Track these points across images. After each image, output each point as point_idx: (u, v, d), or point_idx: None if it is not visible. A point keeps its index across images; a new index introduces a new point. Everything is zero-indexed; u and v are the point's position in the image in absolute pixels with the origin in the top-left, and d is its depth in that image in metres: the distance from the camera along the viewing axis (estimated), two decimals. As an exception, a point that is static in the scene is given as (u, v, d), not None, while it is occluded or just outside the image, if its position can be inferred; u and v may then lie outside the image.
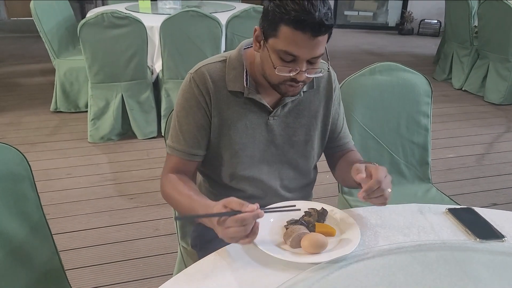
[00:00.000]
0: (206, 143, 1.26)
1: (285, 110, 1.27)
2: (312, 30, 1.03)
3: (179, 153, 1.24)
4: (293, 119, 1.28)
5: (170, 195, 1.23)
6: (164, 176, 1.27)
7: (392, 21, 8.25)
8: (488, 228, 1.10)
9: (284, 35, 1.05)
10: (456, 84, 4.95)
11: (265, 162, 1.30)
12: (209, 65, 1.23)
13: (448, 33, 5.23)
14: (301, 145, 1.31)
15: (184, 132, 1.23)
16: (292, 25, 1.03)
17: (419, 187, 1.91)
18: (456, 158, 3.31)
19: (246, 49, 1.26)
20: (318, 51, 1.08)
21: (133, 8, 4.07)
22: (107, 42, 3.08)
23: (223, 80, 1.22)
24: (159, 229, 2.38)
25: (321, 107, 1.32)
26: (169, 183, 1.24)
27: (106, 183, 2.82)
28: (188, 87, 1.22)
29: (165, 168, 1.28)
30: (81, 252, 2.20)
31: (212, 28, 3.18)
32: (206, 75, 1.21)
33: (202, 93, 1.20)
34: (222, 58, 1.25)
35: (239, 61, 1.23)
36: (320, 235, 1.01)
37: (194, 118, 1.22)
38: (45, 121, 3.73)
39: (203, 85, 1.20)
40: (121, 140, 3.41)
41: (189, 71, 1.25)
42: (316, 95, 1.30)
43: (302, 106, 1.28)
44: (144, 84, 3.35)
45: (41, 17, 3.58)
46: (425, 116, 1.88)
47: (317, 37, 1.05)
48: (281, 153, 1.31)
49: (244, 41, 1.28)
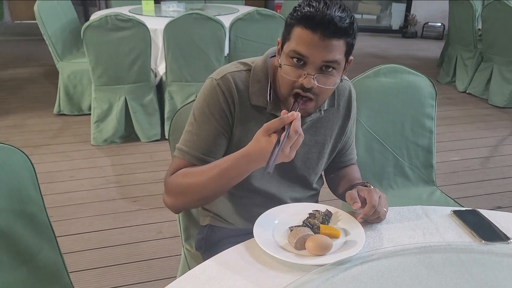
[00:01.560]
0: (221, 152, 1.20)
1: (303, 128, 1.21)
2: (323, 29, 1.00)
3: (191, 157, 1.17)
4: (310, 136, 1.25)
5: (186, 182, 1.14)
6: (169, 176, 1.19)
7: (395, 24, 8.24)
8: (493, 230, 1.09)
9: (295, 36, 1.04)
10: (460, 87, 4.93)
11: (275, 177, 1.28)
12: (234, 73, 1.17)
13: (452, 36, 5.22)
14: (314, 162, 1.30)
15: (202, 137, 1.17)
16: (302, 24, 1.02)
17: (424, 190, 1.90)
18: (460, 161, 3.30)
19: (272, 57, 1.21)
20: (330, 55, 1.03)
21: (137, 10, 4.08)
22: (110, 44, 3.09)
23: (246, 91, 1.16)
24: (163, 232, 2.37)
25: (337, 125, 1.29)
26: (181, 175, 1.15)
27: (109, 186, 2.82)
28: (212, 93, 1.15)
29: (170, 171, 1.21)
30: (85, 254, 2.20)
31: (216, 31, 3.18)
32: (232, 84, 1.15)
33: (227, 101, 1.15)
34: (246, 67, 1.19)
35: (264, 73, 1.17)
36: (324, 237, 1.01)
37: (216, 126, 1.16)
38: (49, 123, 3.74)
39: (228, 93, 1.15)
40: (125, 142, 3.41)
41: (210, 76, 1.18)
42: (335, 114, 1.28)
43: (320, 124, 1.26)
44: (148, 87, 3.35)
45: (45, 19, 3.59)
46: (429, 118, 1.87)
47: (329, 39, 1.01)
48: (293, 169, 1.28)
49: (270, 49, 1.23)
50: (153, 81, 3.39)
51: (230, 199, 1.32)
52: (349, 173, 1.37)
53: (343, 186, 1.34)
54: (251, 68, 1.19)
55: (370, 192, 1.10)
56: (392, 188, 1.88)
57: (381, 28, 8.36)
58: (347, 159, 1.40)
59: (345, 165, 1.41)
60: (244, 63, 1.21)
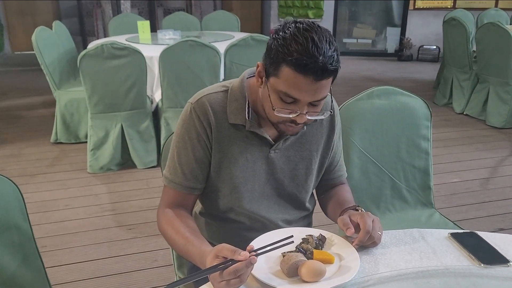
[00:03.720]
0: (205, 176, 1.22)
1: (287, 143, 1.23)
2: (315, 75, 0.98)
3: (177, 186, 1.20)
4: (295, 152, 1.25)
5: (166, 231, 1.18)
6: (161, 210, 1.22)
7: (391, 48, 8.33)
8: (493, 253, 1.06)
9: (285, 77, 1.01)
10: (457, 108, 4.94)
11: (265, 196, 1.26)
12: (210, 95, 1.18)
13: (447, 58, 5.26)
14: (302, 178, 1.28)
15: (183, 164, 1.19)
16: (293, 67, 0.98)
17: (422, 212, 1.86)
18: (460, 183, 3.27)
19: (249, 78, 1.22)
20: (321, 94, 1.04)
21: (134, 39, 4.13)
22: (106, 72, 3.11)
23: (224, 112, 1.17)
24: (158, 260, 2.33)
25: (322, 140, 1.29)
26: (166, 219, 1.19)
27: (104, 214, 2.78)
28: (189, 118, 1.17)
29: (162, 200, 1.24)
30: (79, 285, 2.15)
31: (211, 57, 3.20)
32: (207, 106, 1.16)
33: (203, 125, 1.16)
34: (223, 88, 1.20)
35: (241, 92, 1.18)
36: (318, 263, 0.98)
37: (194, 151, 1.18)
38: (46, 152, 3.73)
39: (204, 116, 1.15)
40: (121, 170, 3.39)
41: (189, 100, 1.20)
42: (319, 129, 1.27)
43: (304, 140, 1.25)
44: (144, 114, 3.36)
45: (42, 50, 3.62)
46: (425, 139, 1.85)
47: (320, 81, 1.00)
48: (281, 186, 1.27)
49: (247, 70, 1.24)
50: (149, 108, 3.40)
51: (220, 224, 1.30)
52: (338, 193, 1.35)
53: (332, 206, 1.31)
54: (228, 89, 1.19)
55: (362, 216, 1.08)
56: (389, 211, 1.85)
57: (376, 52, 8.44)
58: (336, 175, 1.38)
59: (335, 183, 1.39)
60: (223, 85, 1.22)
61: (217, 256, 0.94)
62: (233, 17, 5.43)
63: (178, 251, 1.15)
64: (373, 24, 8.46)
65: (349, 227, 1.07)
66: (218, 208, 1.27)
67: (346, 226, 1.08)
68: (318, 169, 1.32)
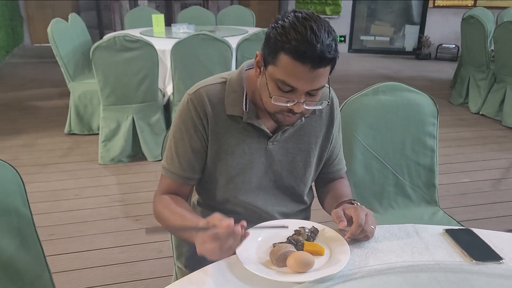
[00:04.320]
0: (202, 167, 1.23)
1: (285, 136, 1.23)
2: (312, 63, 0.98)
3: (173, 176, 1.22)
4: (293, 144, 1.25)
5: (163, 214, 1.20)
6: (157, 196, 1.25)
7: (409, 46, 8.22)
8: (486, 250, 1.05)
9: (283, 65, 1.01)
10: (473, 108, 4.86)
11: (262, 188, 1.27)
12: (208, 87, 1.19)
13: (464, 57, 5.17)
14: (300, 170, 1.28)
15: (180, 154, 1.20)
16: (291, 55, 0.99)
17: (426, 210, 1.84)
18: (471, 183, 3.22)
19: (248, 70, 1.22)
20: (318, 83, 1.04)
21: (148, 32, 4.16)
22: (118, 65, 3.14)
23: (221, 103, 1.18)
24: (163, 251, 2.35)
25: (321, 133, 1.28)
26: (162, 203, 1.21)
27: (113, 205, 2.81)
28: (186, 109, 1.19)
29: (158, 188, 1.26)
30: (84, 272, 2.18)
31: (223, 51, 3.21)
32: (205, 97, 1.17)
33: (200, 116, 1.17)
34: (222, 79, 1.21)
35: (239, 83, 1.19)
36: (306, 254, 0.98)
37: (190, 141, 1.19)
38: (59, 143, 3.79)
39: (201, 108, 1.16)
40: (131, 162, 3.43)
41: (187, 91, 1.21)
42: (318, 121, 1.27)
43: (302, 132, 1.25)
44: (155, 107, 3.38)
45: (57, 41, 3.67)
46: (431, 137, 1.83)
47: (318, 69, 1.00)
48: (279, 179, 1.27)
49: (246, 62, 1.25)
50: (160, 101, 3.42)
51: None
52: (336, 187, 1.34)
53: (329, 200, 1.31)
54: (226, 81, 1.20)
55: (356, 210, 1.07)
56: (392, 208, 1.83)
57: (394, 50, 8.34)
58: (335, 169, 1.38)
59: (334, 177, 1.38)
60: (221, 76, 1.22)
61: (209, 222, 0.97)
62: (249, 12, 5.43)
63: (175, 232, 1.18)
64: (391, 22, 8.36)
65: (341, 220, 1.07)
66: (215, 198, 1.28)
67: (339, 219, 1.08)
68: (316, 162, 1.31)
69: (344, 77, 6.18)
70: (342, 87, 5.37)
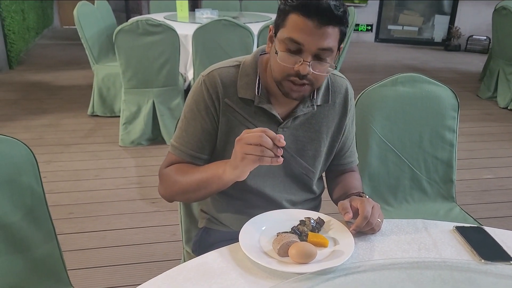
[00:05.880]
0: (211, 148, 1.24)
1: (296, 123, 1.22)
2: (319, 16, 1.01)
3: (181, 153, 1.22)
4: (303, 132, 1.24)
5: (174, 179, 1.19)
6: (163, 168, 1.24)
7: (438, 37, 8.01)
8: (497, 249, 1.02)
9: (291, 23, 1.04)
10: (501, 102, 4.71)
11: (270, 175, 1.26)
12: (221, 69, 1.20)
13: (495, 49, 5.01)
14: (310, 159, 1.27)
15: (189, 133, 1.21)
16: (298, 11, 1.02)
17: (442, 206, 1.80)
18: (494, 179, 3.14)
19: (262, 55, 1.23)
20: (325, 42, 1.04)
21: (172, 17, 4.17)
22: (140, 48, 3.16)
23: (234, 86, 1.18)
24: (177, 234, 2.37)
25: (333, 123, 1.27)
26: (171, 170, 1.21)
27: (130, 186, 2.86)
28: (199, 90, 1.20)
29: (163, 165, 1.25)
30: (99, 251, 2.23)
31: (244, 38, 3.19)
32: (217, 80, 1.18)
33: (212, 97, 1.18)
34: (236, 62, 1.22)
35: (253, 67, 1.19)
36: (309, 245, 0.97)
37: (201, 122, 1.20)
38: (82, 124, 3.85)
39: (213, 89, 1.17)
40: (151, 145, 3.46)
41: (201, 73, 1.22)
42: (330, 111, 1.25)
43: (314, 120, 1.24)
44: (175, 91, 3.40)
45: (83, 24, 3.72)
46: (450, 131, 1.78)
47: (325, 26, 1.02)
48: (288, 165, 1.26)
49: (260, 47, 1.26)
50: (181, 85, 3.43)
51: (225, 200, 1.31)
52: (346, 180, 1.32)
53: (338, 192, 1.30)
54: (240, 64, 1.21)
55: (363, 202, 1.05)
56: (407, 202, 1.80)
57: (422, 40, 8.14)
58: (346, 161, 1.36)
59: (345, 169, 1.37)
60: (235, 60, 1.23)
61: (248, 132, 1.00)
62: (274, -1, 5.37)
63: (195, 186, 1.15)
64: (421, 11, 8.14)
65: (347, 212, 1.06)
66: None
67: (344, 210, 1.07)
68: (327, 152, 1.30)
69: (370, 67, 6.07)
70: (367, 77, 5.28)
